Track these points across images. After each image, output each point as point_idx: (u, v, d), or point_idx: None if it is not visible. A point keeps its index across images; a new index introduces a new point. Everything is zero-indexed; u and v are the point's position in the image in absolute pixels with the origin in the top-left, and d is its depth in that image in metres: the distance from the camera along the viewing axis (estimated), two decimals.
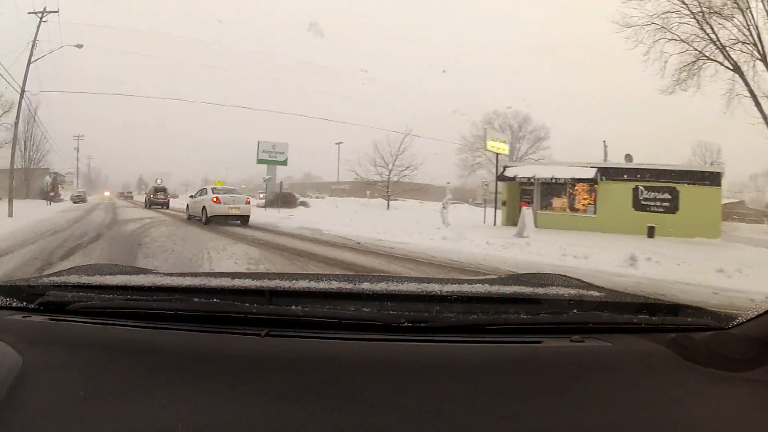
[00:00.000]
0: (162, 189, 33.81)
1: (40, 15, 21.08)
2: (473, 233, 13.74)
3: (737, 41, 18.09)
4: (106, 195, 63.64)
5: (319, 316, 0.97)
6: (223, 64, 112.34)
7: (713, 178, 18.56)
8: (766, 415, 0.78)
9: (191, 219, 18.32)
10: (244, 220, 17.20)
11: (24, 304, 1.10)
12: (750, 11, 17.41)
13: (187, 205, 19.73)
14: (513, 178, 21.46)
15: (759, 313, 0.89)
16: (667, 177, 18.69)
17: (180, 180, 77.97)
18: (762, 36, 17.35)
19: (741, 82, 18.22)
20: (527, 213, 15.27)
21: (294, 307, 0.98)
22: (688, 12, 18.62)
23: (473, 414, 0.74)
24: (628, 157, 21.78)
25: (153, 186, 37.67)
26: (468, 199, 43.08)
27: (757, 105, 17.59)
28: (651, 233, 16.53)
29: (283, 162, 37.15)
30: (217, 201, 16.85)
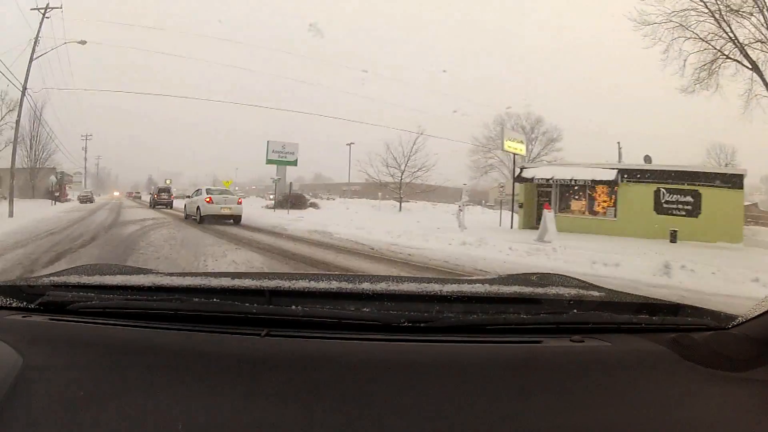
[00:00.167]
0: (166, 189, 35.15)
1: (42, 11, 20.74)
2: (493, 237, 13.03)
3: (756, 40, 17.85)
4: (115, 195, 64.44)
5: (319, 316, 0.97)
6: (235, 61, 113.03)
7: (735, 180, 17.96)
8: (766, 415, 0.77)
9: (188, 218, 19.15)
10: (236, 219, 18.10)
11: (24, 304, 1.10)
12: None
13: (185, 205, 20.80)
14: (531, 179, 20.88)
15: (759, 313, 0.88)
16: (689, 179, 18.15)
17: (190, 180, 78.05)
18: None
19: (760, 82, 17.95)
20: (549, 216, 14.58)
21: (294, 307, 0.98)
22: (706, 10, 18.40)
23: (473, 414, 0.74)
24: (647, 158, 21.22)
25: (157, 187, 39.29)
26: (481, 201, 42.56)
27: None
28: (673, 238, 16.08)
29: (293, 162, 36.61)
30: (210, 201, 17.87)
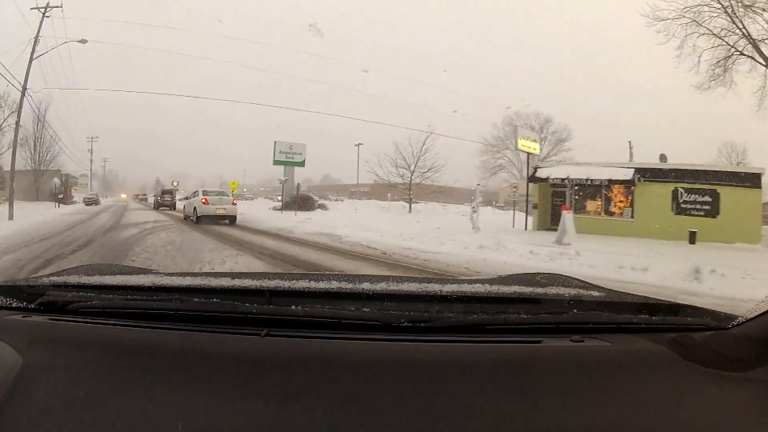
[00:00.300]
0: (169, 191, 35.84)
1: (42, 10, 20.46)
2: (509, 240, 12.51)
3: None
4: (122, 197, 64.61)
5: (319, 315, 0.98)
6: (244, 61, 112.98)
7: (754, 179, 17.60)
8: (766, 415, 0.77)
9: (186, 219, 20.02)
10: (231, 219, 18.91)
11: (24, 304, 1.11)
12: None
13: (184, 206, 21.74)
14: (545, 179, 20.48)
15: (759, 313, 0.89)
16: (707, 178, 17.82)
17: (198, 182, 77.96)
18: None
19: None
20: (568, 217, 14.07)
21: (294, 307, 0.99)
22: (718, 5, 18.20)
23: (473, 414, 0.75)
24: (662, 157, 20.75)
25: (161, 189, 40.43)
26: (492, 202, 42.01)
27: None
28: (693, 239, 15.72)
29: (301, 163, 36.10)
30: (206, 202, 18.66)
